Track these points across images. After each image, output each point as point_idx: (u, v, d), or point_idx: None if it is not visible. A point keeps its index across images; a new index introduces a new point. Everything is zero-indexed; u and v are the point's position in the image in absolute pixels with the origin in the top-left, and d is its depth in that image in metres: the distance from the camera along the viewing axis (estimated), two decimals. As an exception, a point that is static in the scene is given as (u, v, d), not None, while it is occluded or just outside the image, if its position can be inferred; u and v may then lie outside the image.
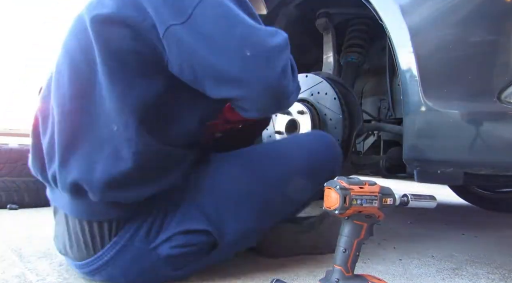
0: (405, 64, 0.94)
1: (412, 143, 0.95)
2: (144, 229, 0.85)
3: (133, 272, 0.86)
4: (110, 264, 0.85)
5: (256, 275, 0.99)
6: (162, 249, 0.85)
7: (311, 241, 1.13)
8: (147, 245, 0.85)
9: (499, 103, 0.84)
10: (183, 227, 0.85)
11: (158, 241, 0.85)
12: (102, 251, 0.85)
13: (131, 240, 0.84)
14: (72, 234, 0.86)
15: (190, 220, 0.86)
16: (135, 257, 0.85)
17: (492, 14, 0.87)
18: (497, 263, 1.22)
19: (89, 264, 0.86)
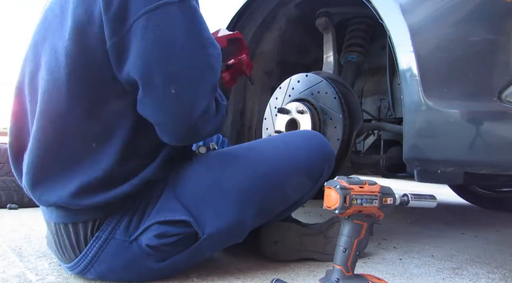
0: (405, 63, 0.94)
1: (412, 143, 0.95)
2: (125, 221, 0.86)
3: (118, 266, 0.87)
4: (95, 260, 0.86)
5: (256, 275, 0.99)
6: (142, 239, 0.85)
7: (318, 246, 1.10)
8: (127, 237, 0.85)
9: (499, 102, 0.84)
10: (162, 217, 0.85)
11: (137, 232, 0.85)
12: (86, 248, 0.86)
13: (113, 233, 0.85)
14: (60, 238, 0.88)
15: (168, 210, 0.86)
16: (117, 250, 0.85)
17: (492, 14, 0.87)
18: (497, 262, 1.22)
19: (77, 264, 0.87)
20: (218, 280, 0.95)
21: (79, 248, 0.86)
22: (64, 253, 0.89)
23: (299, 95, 1.42)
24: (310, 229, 1.13)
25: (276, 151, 0.97)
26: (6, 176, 1.87)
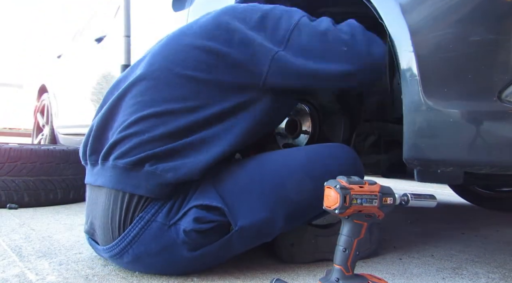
0: (405, 63, 0.94)
1: (412, 143, 0.95)
2: (168, 205, 0.91)
3: (155, 250, 0.91)
4: (135, 241, 0.91)
5: (256, 275, 0.99)
6: (180, 224, 0.90)
7: (331, 246, 1.11)
8: (168, 220, 0.90)
9: (500, 102, 0.84)
10: (199, 201, 0.90)
11: (177, 216, 0.90)
12: (129, 227, 0.91)
13: (155, 215, 0.90)
14: (111, 209, 0.92)
15: (205, 196, 0.91)
16: (156, 233, 0.90)
17: (493, 13, 0.87)
18: (497, 262, 1.22)
19: (118, 244, 0.92)
20: (218, 280, 0.95)
21: (124, 225, 0.91)
22: (108, 230, 0.93)
23: None
24: (324, 230, 1.13)
25: (310, 160, 1.02)
26: (6, 176, 1.87)
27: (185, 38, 1.01)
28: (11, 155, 1.87)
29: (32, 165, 1.91)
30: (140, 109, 0.94)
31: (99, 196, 0.96)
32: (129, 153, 0.91)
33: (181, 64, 0.96)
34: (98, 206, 0.96)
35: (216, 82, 0.95)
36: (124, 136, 0.93)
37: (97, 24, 3.00)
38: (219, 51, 0.95)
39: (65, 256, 1.10)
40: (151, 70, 0.99)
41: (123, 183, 0.91)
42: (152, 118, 0.93)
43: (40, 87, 3.89)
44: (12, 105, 9.60)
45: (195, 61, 0.96)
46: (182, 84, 0.95)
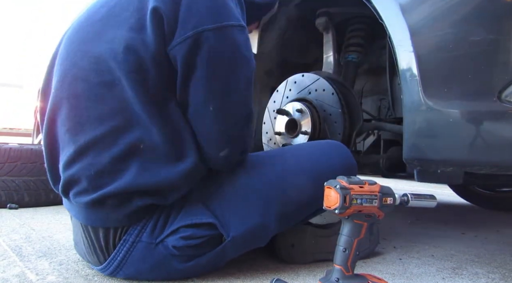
0: (405, 63, 0.94)
1: (412, 143, 0.95)
2: (151, 224, 0.88)
3: (146, 268, 0.89)
4: (124, 263, 0.88)
5: (256, 275, 0.99)
6: (168, 241, 0.87)
7: (331, 246, 1.11)
8: (153, 239, 0.87)
9: (499, 102, 0.84)
10: (188, 220, 0.87)
11: (163, 235, 0.87)
12: (114, 252, 0.88)
13: (139, 236, 0.87)
14: (89, 241, 0.90)
15: (194, 214, 0.88)
16: (144, 252, 0.88)
17: (492, 13, 0.87)
18: (497, 262, 1.22)
19: (107, 267, 0.90)
20: (218, 280, 0.95)
21: (107, 252, 0.89)
22: (93, 256, 0.91)
23: (297, 95, 1.42)
24: (325, 230, 1.13)
25: (299, 159, 0.99)
26: (6, 176, 1.87)
27: (94, 28, 0.88)
28: (11, 155, 1.88)
29: (32, 165, 1.91)
30: (73, 139, 0.85)
31: (76, 225, 0.94)
32: (86, 192, 0.85)
33: (95, 69, 0.83)
34: (78, 234, 0.94)
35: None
36: (73, 174, 0.85)
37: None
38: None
39: (65, 256, 1.10)
40: (65, 85, 0.87)
41: (92, 220, 0.87)
42: (90, 149, 0.83)
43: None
44: (12, 105, 9.60)
45: (108, 63, 0.82)
46: (107, 96, 0.82)
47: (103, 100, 0.83)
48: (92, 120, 0.84)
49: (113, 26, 0.84)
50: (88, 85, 0.84)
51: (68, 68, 0.88)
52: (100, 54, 0.83)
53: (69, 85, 0.87)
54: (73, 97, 0.86)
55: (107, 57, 0.82)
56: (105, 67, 0.82)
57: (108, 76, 0.82)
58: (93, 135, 0.83)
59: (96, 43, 0.85)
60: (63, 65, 0.90)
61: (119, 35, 0.81)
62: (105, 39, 0.83)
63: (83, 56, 0.86)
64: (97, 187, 0.83)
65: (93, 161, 0.83)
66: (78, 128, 0.85)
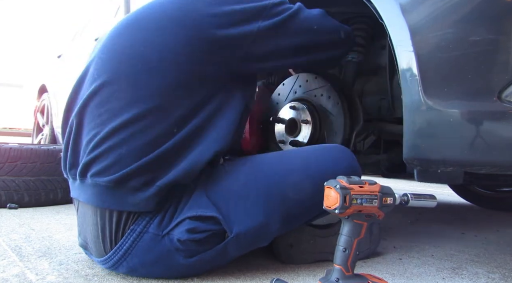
0: (405, 63, 0.94)
1: (412, 143, 0.95)
2: (159, 216, 0.89)
3: (149, 260, 0.90)
4: (129, 253, 0.89)
5: (256, 275, 0.99)
6: (173, 234, 0.88)
7: (331, 246, 1.10)
8: (160, 231, 0.88)
9: (499, 102, 0.84)
10: (193, 212, 0.88)
11: (170, 226, 0.88)
12: (121, 240, 0.89)
13: (147, 227, 0.88)
14: (99, 227, 0.90)
15: (199, 207, 0.89)
16: (149, 244, 0.88)
17: (493, 13, 0.87)
18: (497, 262, 1.22)
19: (111, 257, 0.91)
20: (218, 280, 0.95)
21: (116, 239, 0.89)
22: (100, 244, 0.91)
23: (303, 95, 1.42)
24: (324, 230, 1.13)
25: (305, 162, 1.00)
26: (6, 176, 1.87)
27: (144, 23, 0.93)
28: (11, 155, 1.88)
29: (32, 165, 1.91)
30: (109, 120, 0.88)
31: (86, 212, 0.94)
32: (109, 170, 0.86)
33: (144, 56, 0.88)
34: (86, 221, 0.94)
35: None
36: (100, 152, 0.87)
37: (97, 24, 3.00)
38: None
39: (65, 256, 1.10)
40: (109, 71, 0.91)
41: (108, 202, 0.88)
42: (125, 129, 0.86)
43: (40, 87, 3.89)
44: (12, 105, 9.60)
45: (158, 51, 0.88)
46: (147, 82, 0.88)
47: (148, 83, 0.88)
48: (131, 102, 0.87)
49: None
50: (133, 69, 0.88)
51: (117, 54, 0.92)
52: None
53: (112, 72, 0.91)
54: (117, 80, 0.90)
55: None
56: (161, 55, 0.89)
57: (156, 62, 0.88)
58: (134, 113, 0.86)
59: None
60: (109, 52, 0.94)
61: None
62: None
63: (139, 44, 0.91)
64: (126, 164, 0.85)
65: (127, 139, 0.86)
66: (116, 110, 0.88)
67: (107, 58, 0.93)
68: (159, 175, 0.87)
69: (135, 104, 0.87)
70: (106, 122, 0.88)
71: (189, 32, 0.88)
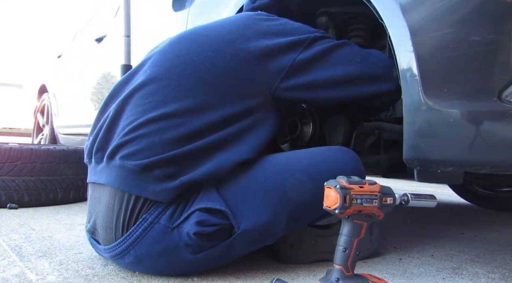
0: (405, 63, 0.94)
1: (412, 143, 0.95)
2: (171, 208, 0.90)
3: (157, 252, 0.91)
4: (138, 242, 0.90)
5: (256, 275, 1.00)
6: (183, 227, 0.89)
7: (331, 246, 1.10)
8: (170, 223, 0.90)
9: (500, 102, 0.84)
10: (203, 204, 0.90)
11: (180, 219, 0.90)
12: (132, 228, 0.90)
13: (158, 217, 0.90)
14: (114, 210, 0.92)
15: (209, 200, 0.90)
16: (159, 235, 0.90)
17: (493, 14, 0.87)
18: (497, 262, 1.22)
19: (120, 244, 0.92)
20: (218, 280, 0.95)
21: (127, 226, 0.91)
22: (111, 229, 0.93)
23: None
24: (324, 230, 1.13)
25: (310, 163, 1.02)
26: (6, 176, 1.87)
27: (200, 39, 1.02)
28: (11, 155, 1.88)
29: (32, 165, 1.91)
30: (150, 109, 0.94)
31: (103, 195, 0.96)
32: (139, 155, 0.90)
33: (195, 65, 0.97)
34: (101, 205, 0.96)
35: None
36: (134, 137, 0.91)
37: (97, 24, 3.00)
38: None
39: (65, 256, 1.10)
40: (163, 69, 0.98)
41: (130, 185, 0.90)
42: (163, 120, 0.92)
43: (40, 87, 3.89)
44: (12, 105, 9.60)
45: (208, 63, 0.97)
46: (192, 86, 0.96)
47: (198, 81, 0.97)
48: (175, 99, 0.94)
49: None
50: (183, 73, 0.97)
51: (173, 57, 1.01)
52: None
53: (165, 70, 0.99)
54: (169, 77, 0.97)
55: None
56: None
57: (204, 73, 0.97)
58: (174, 109, 0.93)
59: None
60: (164, 55, 1.02)
61: None
62: None
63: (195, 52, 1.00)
64: (156, 153, 0.89)
65: (162, 130, 0.91)
66: (160, 103, 0.94)
67: (162, 59, 1.01)
68: (184, 170, 0.90)
69: (177, 101, 0.94)
70: (147, 111, 0.94)
71: (238, 53, 1.00)
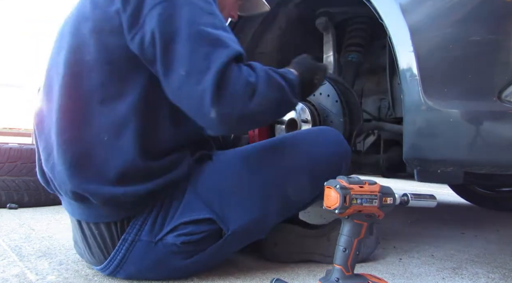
0: (405, 63, 0.94)
1: (412, 142, 0.95)
2: (149, 222, 0.87)
3: (146, 267, 0.89)
4: (124, 262, 0.88)
5: (256, 275, 0.99)
6: (168, 239, 0.87)
7: (320, 248, 1.09)
8: (153, 237, 0.87)
9: (499, 102, 0.84)
10: (187, 217, 0.87)
11: (163, 232, 0.87)
12: (114, 251, 0.88)
13: (138, 235, 0.87)
14: (86, 238, 0.90)
15: (192, 210, 0.87)
16: (144, 251, 0.87)
17: (492, 14, 0.87)
18: (497, 262, 1.22)
19: (107, 266, 0.90)
20: (218, 280, 0.95)
21: (107, 250, 0.88)
22: (94, 255, 0.91)
23: None
24: (313, 231, 1.12)
25: (295, 147, 0.99)
26: (6, 176, 1.87)
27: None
28: (11, 155, 1.87)
29: (32, 165, 1.91)
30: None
31: (75, 225, 0.93)
32: (65, 187, 0.84)
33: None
34: (76, 233, 0.94)
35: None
36: (51, 168, 0.86)
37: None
38: None
39: (65, 256, 1.10)
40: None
41: (85, 215, 0.88)
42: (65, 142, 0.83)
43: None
44: (12, 105, 9.60)
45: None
46: None
47: None
48: None
49: None
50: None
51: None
52: None
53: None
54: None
55: None
56: None
57: None
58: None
59: None
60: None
61: None
62: None
63: None
64: (74, 180, 0.82)
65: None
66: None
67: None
68: (128, 184, 0.82)
69: None
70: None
71: None
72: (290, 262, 1.09)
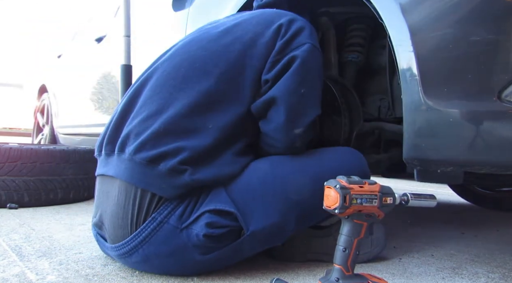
0: (405, 63, 0.94)
1: (412, 142, 0.95)
2: (180, 208, 0.90)
3: (165, 252, 0.91)
4: (146, 241, 0.90)
5: (256, 275, 1.00)
6: (192, 228, 0.89)
7: (327, 247, 1.10)
8: (180, 224, 0.90)
9: (499, 102, 0.84)
10: (212, 206, 0.90)
11: (190, 220, 0.90)
12: (141, 226, 0.90)
13: (167, 217, 0.90)
14: (125, 204, 0.92)
15: (218, 201, 0.90)
16: (168, 235, 0.90)
17: (492, 13, 0.87)
18: (497, 262, 1.22)
19: (128, 243, 0.92)
20: (218, 280, 0.95)
21: (137, 222, 0.91)
22: (121, 226, 0.92)
23: None
24: (319, 230, 1.13)
25: (321, 163, 1.03)
26: (6, 176, 1.87)
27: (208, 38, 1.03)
28: (11, 155, 1.87)
29: (32, 165, 1.91)
30: (159, 101, 0.95)
31: (111, 189, 0.96)
32: (145, 147, 0.90)
33: (204, 59, 0.98)
34: (109, 200, 0.96)
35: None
36: (142, 128, 0.92)
37: (97, 24, 3.00)
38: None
39: (65, 256, 1.10)
40: (172, 63, 1.00)
41: (137, 179, 0.90)
42: (169, 113, 0.92)
43: (40, 87, 3.89)
44: (12, 105, 9.60)
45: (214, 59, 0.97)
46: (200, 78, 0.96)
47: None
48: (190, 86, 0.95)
49: None
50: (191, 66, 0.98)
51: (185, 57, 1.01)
52: None
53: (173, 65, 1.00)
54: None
55: None
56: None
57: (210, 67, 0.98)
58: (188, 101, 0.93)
59: None
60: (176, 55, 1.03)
61: None
62: None
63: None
64: (161, 145, 0.89)
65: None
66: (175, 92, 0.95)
67: (173, 55, 1.04)
68: (194, 168, 0.89)
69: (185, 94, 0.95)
70: (155, 103, 0.95)
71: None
72: (297, 262, 1.10)
